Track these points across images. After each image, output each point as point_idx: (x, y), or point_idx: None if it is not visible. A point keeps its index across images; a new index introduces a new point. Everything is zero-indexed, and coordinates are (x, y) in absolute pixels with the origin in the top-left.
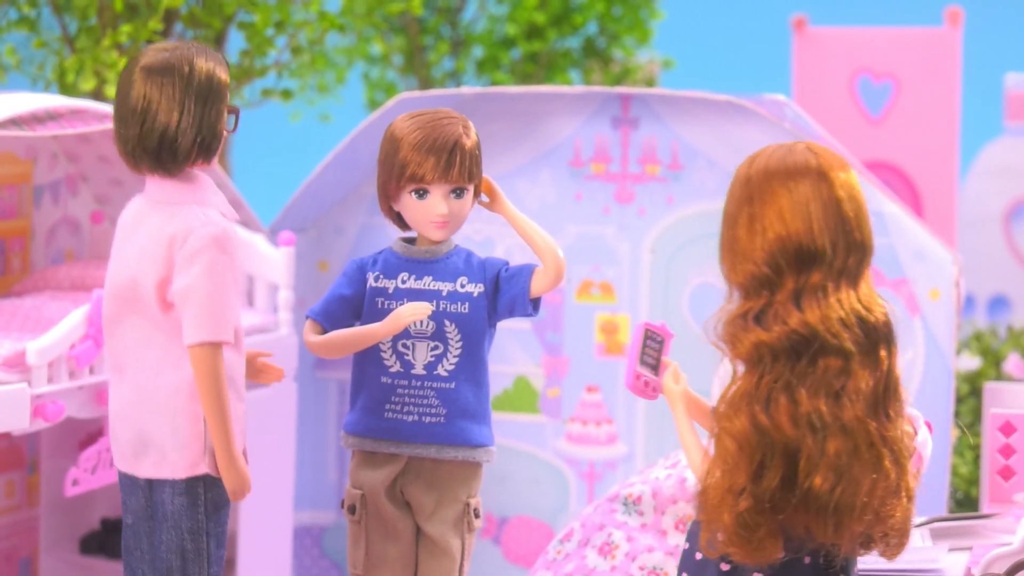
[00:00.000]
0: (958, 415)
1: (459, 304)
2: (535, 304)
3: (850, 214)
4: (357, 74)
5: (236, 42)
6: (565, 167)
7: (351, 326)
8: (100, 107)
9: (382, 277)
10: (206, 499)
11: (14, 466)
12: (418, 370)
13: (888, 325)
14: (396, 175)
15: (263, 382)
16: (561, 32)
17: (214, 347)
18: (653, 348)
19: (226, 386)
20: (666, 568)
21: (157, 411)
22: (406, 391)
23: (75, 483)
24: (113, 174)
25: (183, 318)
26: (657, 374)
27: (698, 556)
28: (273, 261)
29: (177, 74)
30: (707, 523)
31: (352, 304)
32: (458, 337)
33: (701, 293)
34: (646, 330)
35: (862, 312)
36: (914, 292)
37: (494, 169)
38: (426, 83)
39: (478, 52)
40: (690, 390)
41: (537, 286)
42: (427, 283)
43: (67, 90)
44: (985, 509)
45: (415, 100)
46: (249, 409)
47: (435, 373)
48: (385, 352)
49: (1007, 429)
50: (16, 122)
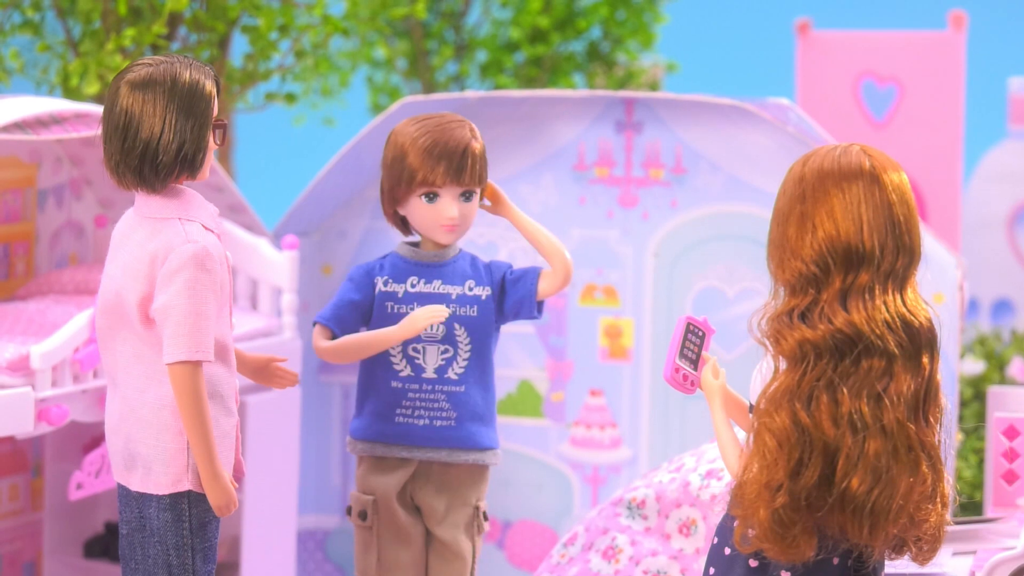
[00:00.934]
0: (962, 419)
1: (468, 307)
2: (540, 306)
3: (900, 217)
4: (361, 78)
5: (240, 46)
6: (569, 171)
7: (359, 331)
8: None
9: (391, 281)
10: (191, 515)
11: (18, 470)
12: (429, 374)
13: (932, 331)
14: (406, 179)
15: (277, 387)
16: (565, 36)
17: (193, 366)
18: (693, 343)
19: (206, 403)
20: (670, 572)
21: (143, 426)
22: (417, 395)
23: (79, 487)
24: None
25: (163, 336)
26: (696, 369)
27: (727, 551)
28: (277, 265)
29: (160, 88)
30: (742, 518)
31: (361, 309)
32: (467, 340)
33: (705, 297)
34: (688, 324)
35: (907, 316)
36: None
37: (498, 173)
38: (430, 87)
39: (482, 56)
40: (728, 386)
41: (545, 288)
42: (436, 287)
43: (71, 94)
44: (989, 513)
45: (419, 104)
46: (252, 414)
47: (445, 376)
48: (395, 356)
49: (1011, 433)
50: (20, 126)
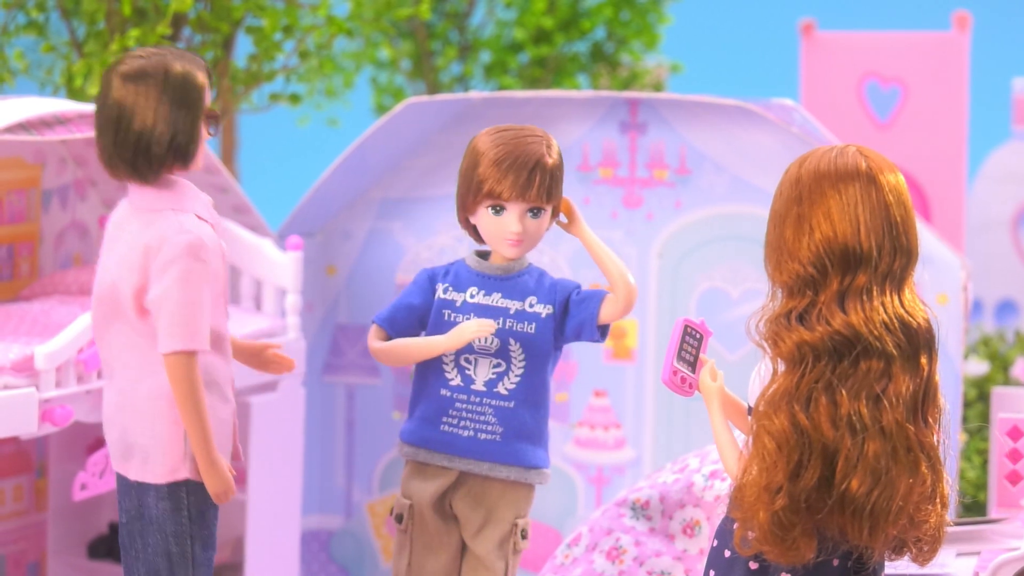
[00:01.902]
0: (966, 420)
1: (526, 324)
2: (603, 330)
3: (898, 218)
4: (365, 78)
5: (244, 46)
6: (573, 172)
7: (416, 335)
8: None
9: (451, 289)
10: (189, 503)
11: (22, 470)
12: (478, 386)
13: (930, 331)
14: (474, 189)
15: (274, 372)
16: (569, 37)
17: (187, 355)
18: (691, 345)
19: (202, 392)
20: (674, 572)
21: (138, 416)
22: (464, 406)
23: (83, 487)
24: None
25: (157, 327)
26: (694, 371)
27: (727, 554)
28: (281, 265)
29: (152, 80)
30: (742, 520)
31: (419, 313)
32: (521, 357)
33: (709, 297)
34: (685, 327)
35: (905, 317)
36: (922, 297)
37: None
38: (434, 88)
39: (486, 57)
40: (726, 388)
41: (607, 313)
42: (495, 300)
43: (75, 94)
44: (993, 514)
45: (423, 105)
46: (257, 414)
47: (495, 391)
48: (447, 365)
49: (1015, 434)
50: (25, 126)
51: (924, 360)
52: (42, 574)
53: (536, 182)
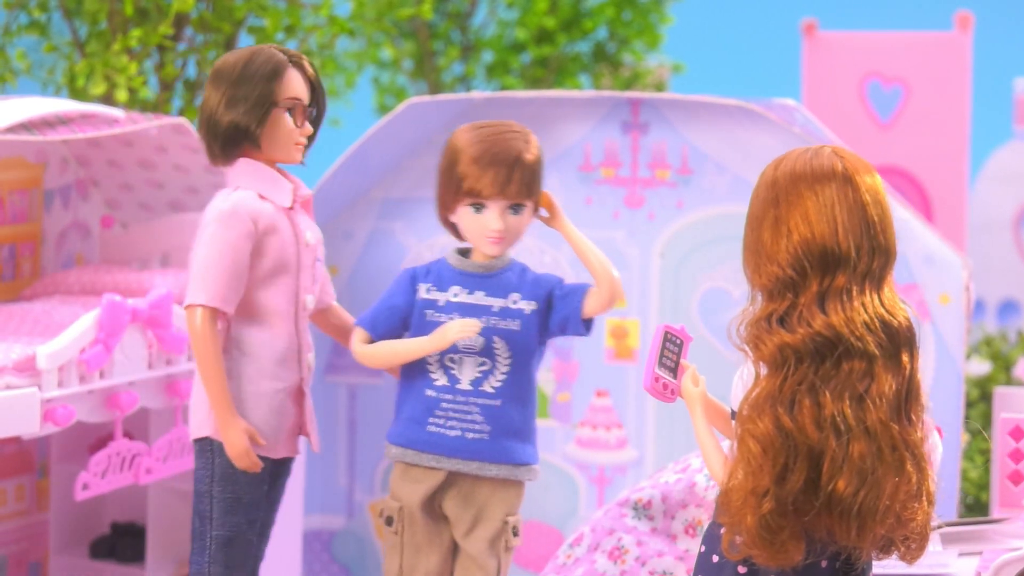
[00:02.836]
0: (968, 420)
1: (510, 321)
2: (588, 324)
3: (875, 218)
4: (367, 79)
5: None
6: (575, 172)
7: (400, 336)
8: (110, 112)
9: (433, 289)
10: (215, 463)
11: (24, 470)
12: (464, 385)
13: (911, 329)
14: (454, 188)
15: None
16: (571, 37)
17: (200, 310)
18: (672, 351)
19: (214, 349)
20: (676, 573)
21: (194, 376)
22: (451, 405)
23: (85, 487)
24: (123, 179)
25: None
26: (676, 377)
27: (715, 559)
28: None
29: (225, 70)
30: (730, 525)
31: (402, 314)
32: (507, 354)
33: (711, 297)
34: (665, 333)
35: (885, 316)
36: (924, 297)
37: None
38: (436, 88)
39: (488, 57)
40: (708, 394)
41: (591, 306)
42: (478, 298)
43: (77, 95)
44: (995, 514)
45: (425, 105)
46: None
47: (481, 389)
48: (432, 365)
49: (1017, 434)
50: (27, 126)
51: (906, 358)
52: (44, 574)
53: (516, 178)
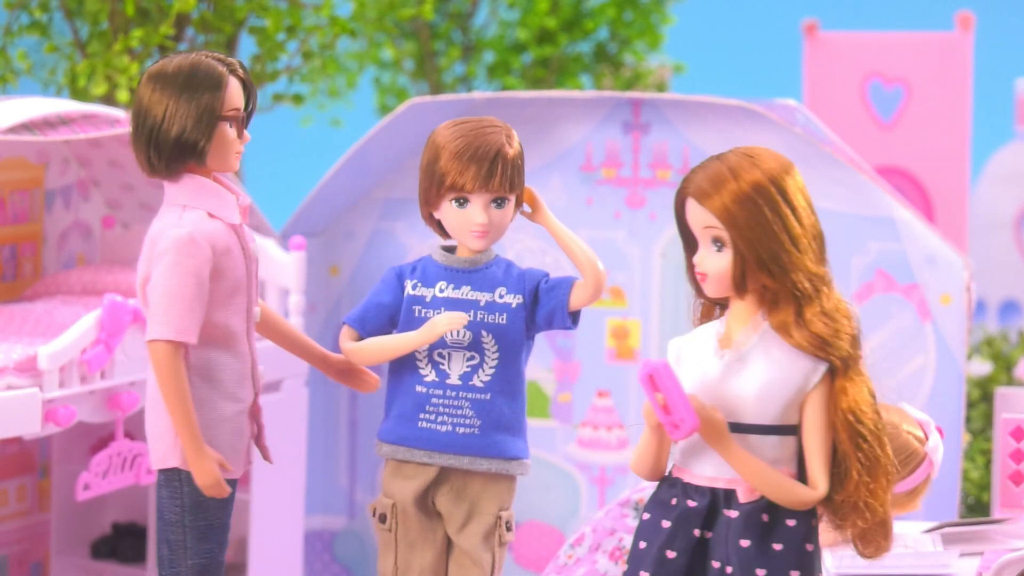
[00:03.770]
0: (969, 420)
1: (496, 315)
2: (574, 317)
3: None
4: (368, 79)
5: (247, 47)
6: (576, 172)
7: (388, 333)
8: (111, 112)
9: (420, 285)
10: (184, 492)
11: (25, 470)
12: (453, 380)
13: (857, 317)
14: (436, 183)
15: (360, 389)
16: (572, 37)
17: (166, 344)
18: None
19: (182, 382)
20: None
21: (148, 404)
22: (440, 401)
23: (86, 487)
24: (124, 179)
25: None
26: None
27: (809, 547)
28: (284, 266)
29: (167, 78)
30: (862, 524)
31: (389, 312)
32: (495, 348)
33: None
34: (653, 375)
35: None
36: (925, 297)
37: None
38: (437, 88)
39: (489, 57)
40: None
41: (577, 299)
42: (465, 292)
43: (79, 95)
44: (996, 514)
45: (426, 105)
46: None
47: (470, 384)
48: (421, 361)
49: (1018, 434)
50: (28, 127)
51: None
52: (45, 574)
53: (498, 172)
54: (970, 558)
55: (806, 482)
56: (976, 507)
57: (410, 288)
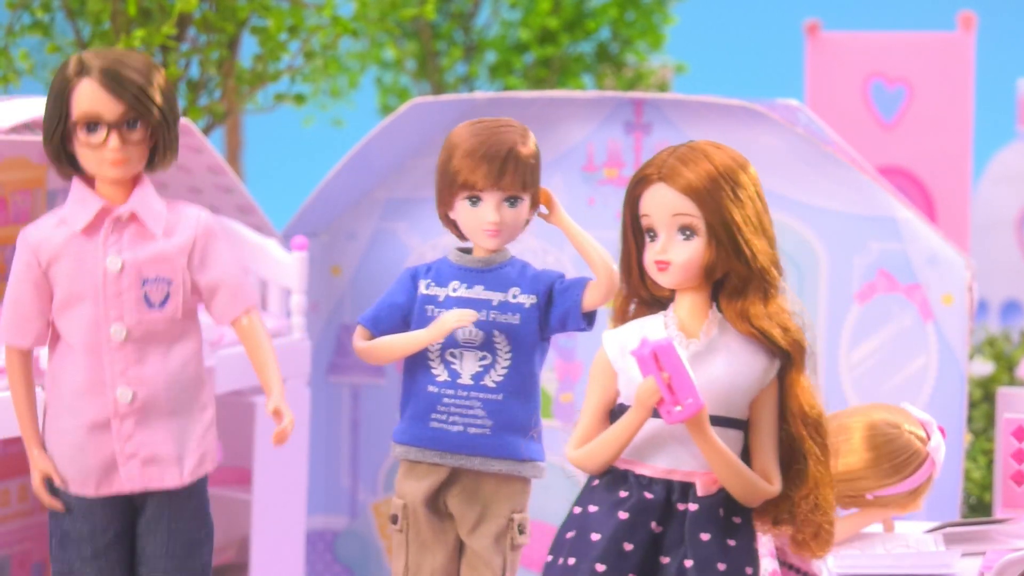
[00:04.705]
0: (971, 420)
1: (509, 315)
2: (588, 318)
3: None
4: (370, 79)
5: (249, 47)
6: (578, 172)
7: (402, 332)
8: None
9: (433, 285)
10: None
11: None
12: (465, 380)
13: None
14: (450, 182)
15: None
16: (574, 37)
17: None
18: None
19: (15, 387)
20: None
21: None
22: (452, 401)
23: None
24: None
25: None
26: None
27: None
28: (286, 266)
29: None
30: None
31: (403, 312)
32: (507, 348)
33: None
34: (659, 352)
35: None
36: (927, 297)
37: None
38: (439, 88)
39: (491, 57)
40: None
41: (590, 299)
42: (478, 292)
43: None
44: (998, 514)
45: (428, 105)
46: (261, 414)
47: (482, 384)
48: (433, 361)
49: (1020, 434)
50: (30, 127)
51: None
52: (47, 574)
53: (510, 170)
54: (972, 558)
55: None
56: (978, 507)
57: (423, 288)
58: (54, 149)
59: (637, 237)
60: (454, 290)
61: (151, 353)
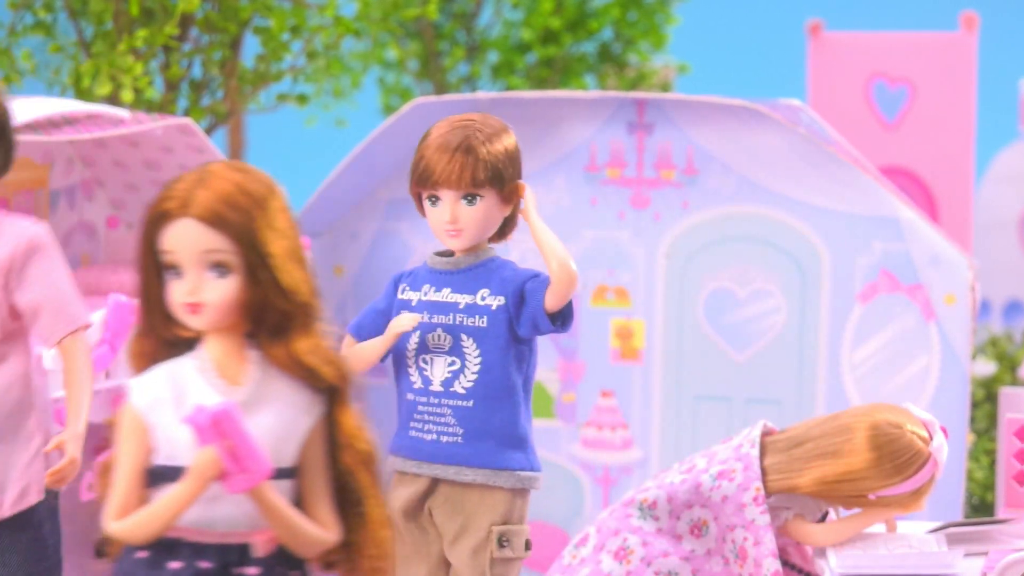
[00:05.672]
0: (973, 420)
1: (476, 317)
2: (561, 319)
3: None
4: (372, 79)
5: (252, 47)
6: (580, 172)
7: None
8: (116, 112)
9: (408, 289)
10: None
11: None
12: (435, 387)
13: None
14: (414, 181)
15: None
16: (576, 37)
17: None
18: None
19: None
20: (681, 573)
21: None
22: (426, 408)
23: (91, 487)
24: (129, 179)
25: None
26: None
27: None
28: None
29: None
30: None
31: (385, 317)
32: (476, 352)
33: (716, 298)
34: (221, 419)
35: None
36: (929, 297)
37: None
38: (441, 88)
39: (493, 57)
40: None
41: (549, 301)
42: (445, 295)
43: (83, 95)
44: (1001, 514)
45: (430, 105)
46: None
47: (451, 390)
48: (411, 367)
49: (1023, 434)
50: (32, 127)
51: None
52: None
53: (459, 165)
54: (974, 558)
55: None
56: (980, 507)
57: (399, 292)
58: None
59: (159, 272)
60: (425, 294)
61: None
